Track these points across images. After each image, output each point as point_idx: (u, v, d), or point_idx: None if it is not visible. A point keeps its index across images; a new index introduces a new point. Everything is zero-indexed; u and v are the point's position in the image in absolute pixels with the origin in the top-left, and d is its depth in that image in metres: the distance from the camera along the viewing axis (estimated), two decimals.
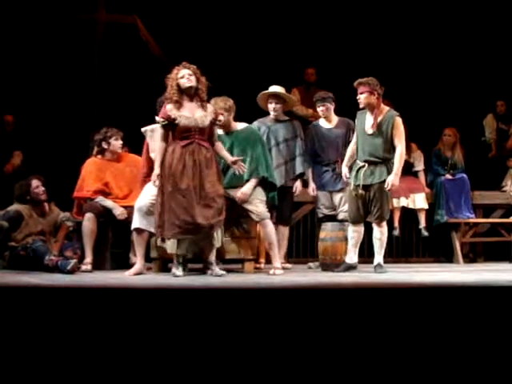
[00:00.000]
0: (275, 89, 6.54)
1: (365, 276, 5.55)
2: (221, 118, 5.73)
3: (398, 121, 5.92)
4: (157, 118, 5.44)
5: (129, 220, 5.95)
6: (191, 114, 5.38)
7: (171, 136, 5.43)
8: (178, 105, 5.37)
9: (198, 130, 5.38)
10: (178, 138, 5.38)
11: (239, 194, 5.81)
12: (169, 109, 5.37)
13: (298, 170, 6.54)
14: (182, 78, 5.38)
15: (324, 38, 8.54)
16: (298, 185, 6.53)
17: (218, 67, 8.31)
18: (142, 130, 5.90)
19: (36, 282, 4.80)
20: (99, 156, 6.36)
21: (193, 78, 5.40)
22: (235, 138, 5.91)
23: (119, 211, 6.10)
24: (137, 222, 5.68)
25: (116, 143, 6.28)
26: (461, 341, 3.62)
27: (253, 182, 5.85)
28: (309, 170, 6.68)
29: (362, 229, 6.00)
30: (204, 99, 5.47)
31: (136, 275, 5.50)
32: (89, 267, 5.94)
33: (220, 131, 5.89)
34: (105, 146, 6.29)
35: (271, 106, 6.54)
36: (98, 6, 8.16)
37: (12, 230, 5.94)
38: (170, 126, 5.38)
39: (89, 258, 6.00)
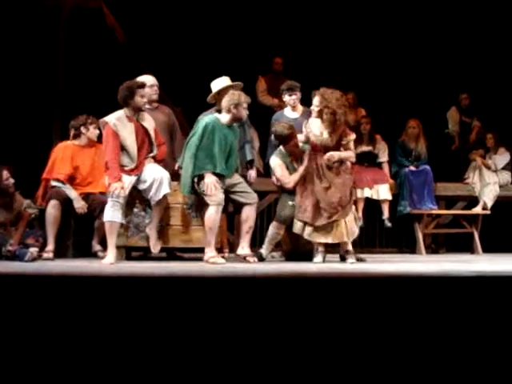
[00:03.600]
0: (225, 81, 6.29)
1: (330, 266, 5.59)
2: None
3: None
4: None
5: (90, 209, 6.09)
6: None
7: None
8: None
9: None
10: None
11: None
12: None
13: (248, 157, 6.36)
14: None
15: (291, 27, 8.53)
16: (251, 173, 6.34)
17: (184, 56, 8.28)
18: (107, 120, 5.67)
19: None
20: (74, 141, 6.38)
21: None
22: (234, 132, 5.97)
23: (80, 205, 6.11)
24: (115, 214, 5.56)
25: (94, 131, 6.32)
26: (422, 330, 3.66)
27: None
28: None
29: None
30: None
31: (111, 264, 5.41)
32: (50, 255, 5.90)
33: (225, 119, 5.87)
34: (83, 130, 6.32)
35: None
36: None
37: None
38: None
39: (51, 246, 5.97)
